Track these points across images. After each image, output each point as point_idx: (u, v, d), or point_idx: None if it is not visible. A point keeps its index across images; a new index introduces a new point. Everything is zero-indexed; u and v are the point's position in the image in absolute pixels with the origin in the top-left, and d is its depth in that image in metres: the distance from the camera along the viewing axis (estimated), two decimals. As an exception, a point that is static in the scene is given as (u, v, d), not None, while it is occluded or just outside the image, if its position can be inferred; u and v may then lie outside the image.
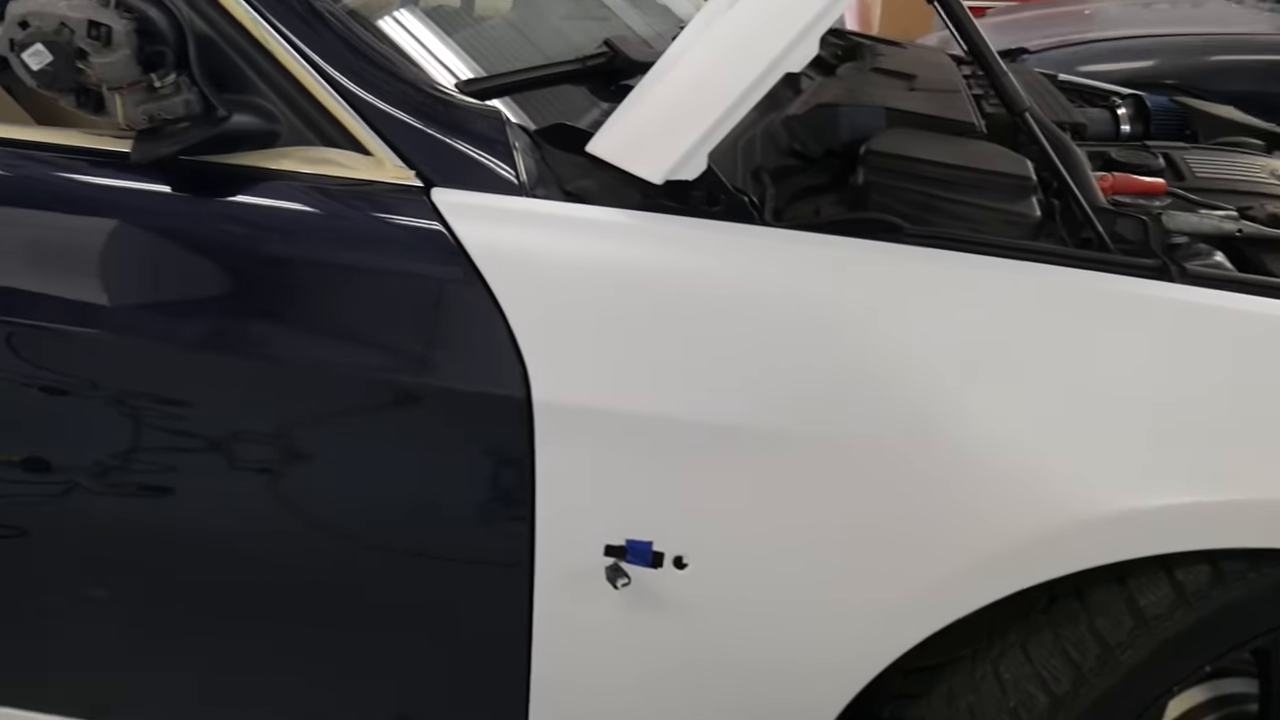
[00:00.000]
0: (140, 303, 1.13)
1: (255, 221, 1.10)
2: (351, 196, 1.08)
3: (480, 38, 1.57)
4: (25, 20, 1.00)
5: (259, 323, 1.11)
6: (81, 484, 1.18)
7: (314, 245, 1.09)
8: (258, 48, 1.09)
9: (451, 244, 1.05)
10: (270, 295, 1.10)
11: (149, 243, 1.13)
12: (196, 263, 1.11)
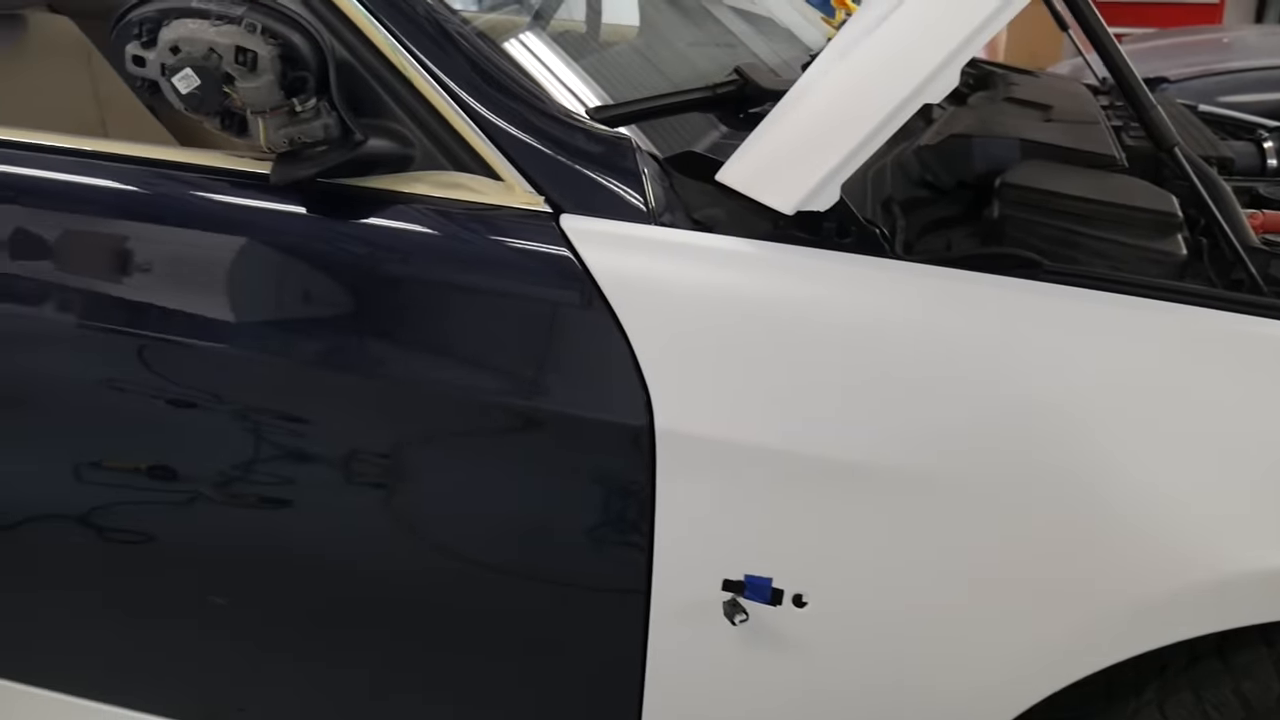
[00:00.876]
0: (270, 320, 1.16)
1: (386, 244, 1.11)
2: (481, 221, 1.09)
3: (607, 63, 1.58)
4: (176, 46, 1.03)
5: (383, 343, 1.12)
6: (204, 494, 1.21)
7: (442, 268, 1.10)
8: (395, 73, 1.10)
9: (579, 270, 1.05)
10: (397, 317, 1.11)
11: (282, 262, 1.15)
12: (328, 283, 1.14)
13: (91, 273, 1.20)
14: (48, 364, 1.25)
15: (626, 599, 1.09)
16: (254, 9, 1.03)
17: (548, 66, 1.34)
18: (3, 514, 1.32)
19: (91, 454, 1.25)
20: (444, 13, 1.16)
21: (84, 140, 1.23)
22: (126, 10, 1.06)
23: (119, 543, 1.28)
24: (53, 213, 1.23)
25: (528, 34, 1.58)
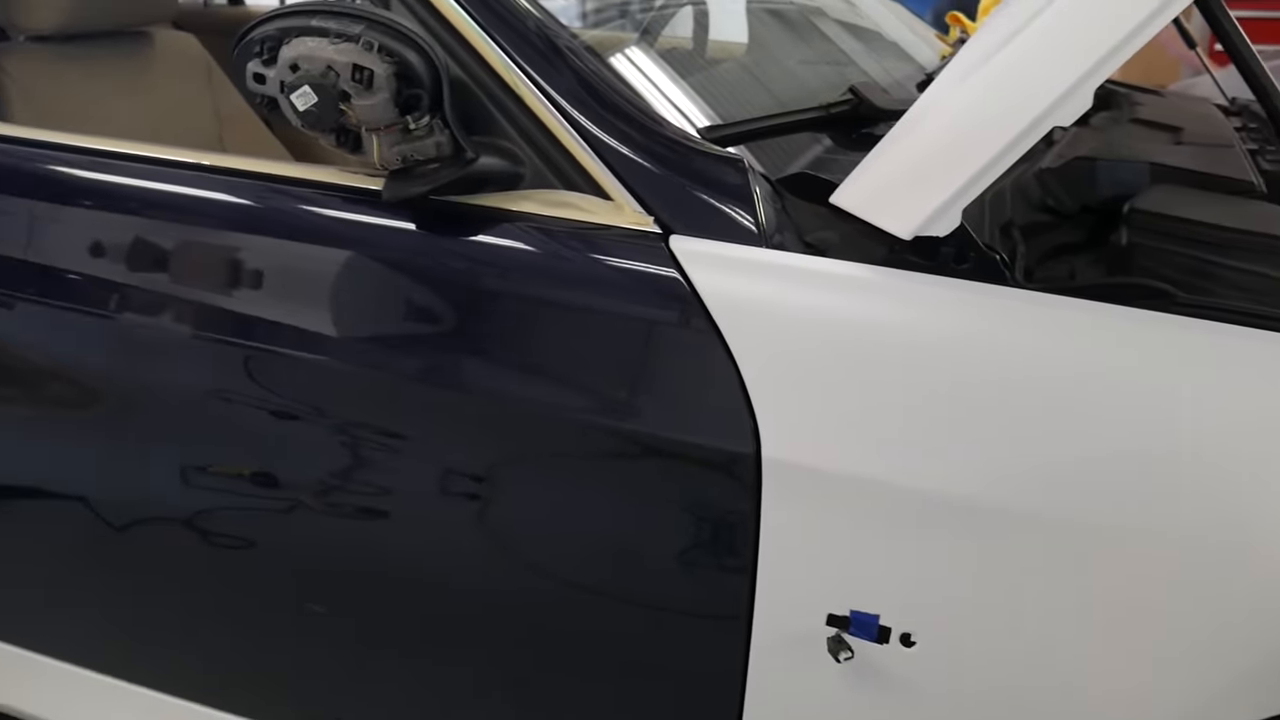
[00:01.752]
0: (376, 335, 1.17)
1: (495, 262, 1.11)
2: (589, 241, 1.08)
3: (715, 81, 1.56)
4: (296, 64, 1.04)
5: (487, 361, 1.12)
6: (305, 502, 1.22)
7: (549, 287, 1.09)
8: (507, 91, 1.10)
9: (687, 292, 1.03)
10: (503, 335, 1.11)
11: (390, 278, 1.16)
12: (436, 300, 1.14)
13: (204, 284, 1.22)
14: (160, 371, 1.28)
15: (726, 627, 1.07)
16: (371, 27, 1.04)
17: (656, 84, 1.33)
18: (114, 516, 1.36)
19: (198, 460, 1.28)
20: (557, 30, 1.16)
21: (202, 154, 1.25)
22: (249, 28, 1.08)
23: (222, 547, 1.30)
24: (170, 225, 1.25)
25: (635, 51, 1.57)
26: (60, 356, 1.33)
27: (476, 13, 1.12)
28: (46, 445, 1.38)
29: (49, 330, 1.32)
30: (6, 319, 1.32)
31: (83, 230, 1.28)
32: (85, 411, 1.36)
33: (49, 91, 1.69)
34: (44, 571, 1.47)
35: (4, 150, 1.35)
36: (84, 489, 1.37)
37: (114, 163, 1.29)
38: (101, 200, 1.29)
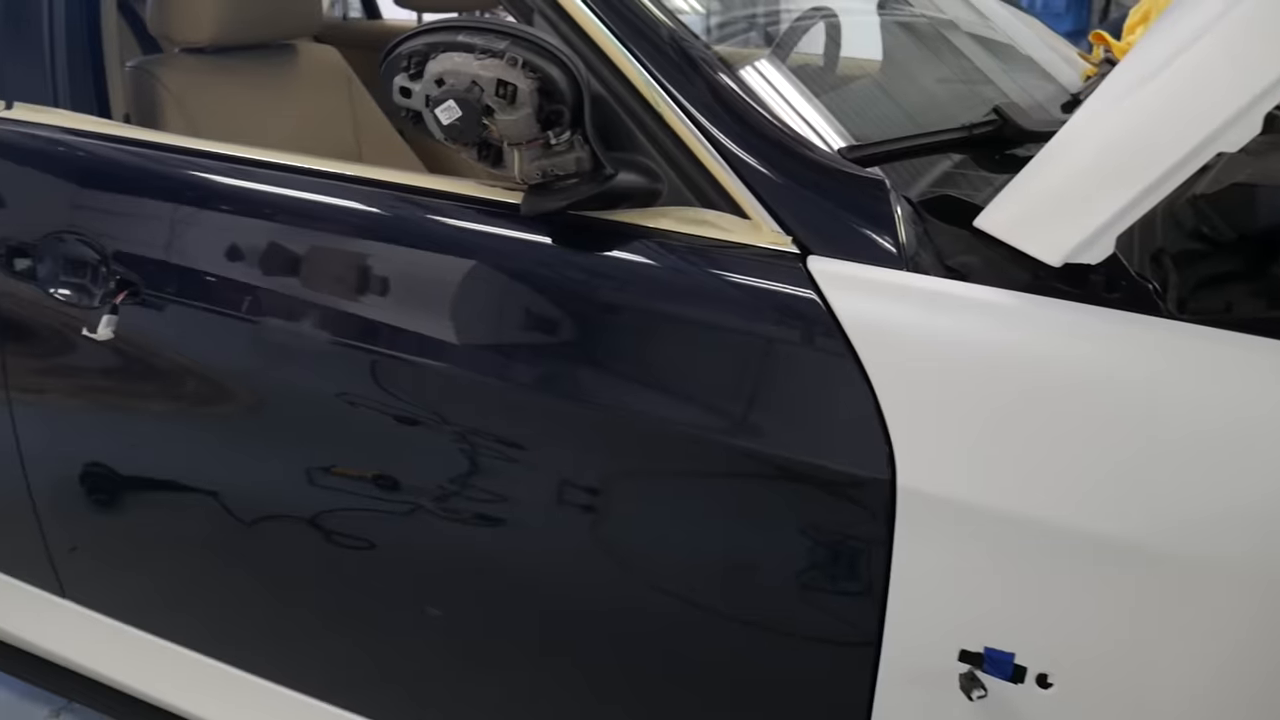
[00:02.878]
0: (508, 346, 1.17)
1: (630, 277, 1.11)
2: (726, 259, 1.07)
3: (851, 99, 1.54)
4: (441, 78, 1.06)
5: (615, 377, 1.12)
6: (424, 506, 1.24)
7: (683, 305, 1.08)
8: (646, 108, 1.10)
9: (824, 314, 1.01)
10: (636, 351, 1.11)
11: (524, 290, 1.17)
12: (568, 313, 1.14)
13: (341, 291, 1.25)
14: (289, 372, 1.32)
15: (852, 658, 1.05)
16: (516, 44, 1.05)
17: (791, 102, 1.32)
18: (243, 512, 1.40)
19: (323, 461, 1.31)
20: (697, 48, 1.16)
21: (345, 165, 1.29)
22: (397, 43, 1.10)
23: (344, 547, 1.33)
24: (311, 232, 1.29)
25: (769, 67, 1.55)
26: (199, 355, 1.38)
27: (618, 29, 1.13)
28: (182, 440, 1.44)
29: (194, 331, 1.37)
30: (153, 319, 1.37)
31: (227, 235, 1.32)
32: (217, 408, 1.40)
33: (200, 100, 1.75)
34: (178, 563, 1.53)
35: (157, 157, 1.40)
36: (216, 484, 1.42)
37: (261, 171, 1.33)
38: (247, 207, 1.33)
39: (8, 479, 1.58)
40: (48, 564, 1.63)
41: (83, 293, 1.40)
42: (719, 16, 1.99)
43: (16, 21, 1.50)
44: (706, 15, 1.94)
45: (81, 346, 1.41)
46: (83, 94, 1.49)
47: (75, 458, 1.52)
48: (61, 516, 1.58)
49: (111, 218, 1.40)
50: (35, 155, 1.47)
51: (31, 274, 1.44)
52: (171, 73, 1.75)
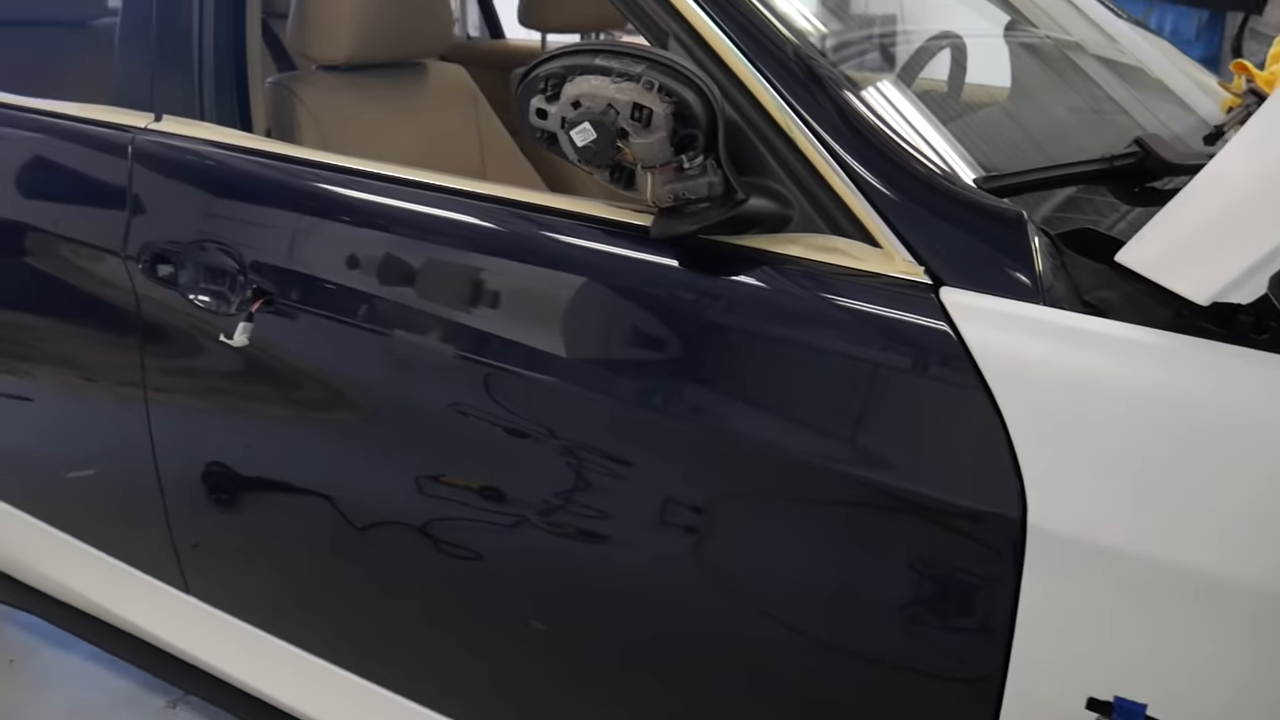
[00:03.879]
0: (629, 365, 1.18)
1: (757, 302, 1.11)
2: (856, 287, 1.06)
3: (981, 126, 1.52)
4: (577, 101, 1.07)
5: (735, 401, 1.11)
6: (530, 519, 1.25)
7: (811, 331, 1.08)
8: (779, 134, 1.10)
9: (956, 346, 0.99)
10: (758, 376, 1.10)
11: (650, 312, 1.17)
12: (692, 335, 1.14)
13: (460, 304, 1.28)
14: (406, 382, 1.35)
15: (972, 700, 1.02)
16: (652, 68, 1.05)
17: (922, 129, 1.30)
18: (356, 517, 1.43)
19: (433, 469, 1.34)
20: (831, 74, 1.15)
21: (472, 182, 1.31)
22: (534, 66, 1.12)
23: (452, 557, 1.35)
24: (440, 248, 1.32)
25: (897, 93, 1.54)
26: (323, 362, 1.42)
27: (751, 53, 1.13)
28: (302, 445, 1.48)
29: (320, 339, 1.41)
30: (285, 327, 1.41)
31: (355, 247, 1.36)
32: (336, 414, 1.44)
33: (334, 116, 1.81)
34: (293, 565, 1.57)
35: (294, 170, 1.45)
36: (332, 489, 1.45)
37: (391, 186, 1.37)
38: (376, 220, 1.37)
39: (141, 474, 1.64)
40: (173, 559, 1.69)
41: (221, 300, 1.45)
42: (835, 39, 1.99)
43: (169, 40, 1.57)
44: (823, 37, 1.94)
45: (216, 351, 1.47)
46: (227, 108, 1.55)
47: (202, 457, 1.58)
48: (188, 513, 1.63)
49: (250, 228, 1.45)
50: (181, 166, 1.53)
51: (173, 280, 1.50)
52: (308, 89, 1.81)
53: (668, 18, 1.17)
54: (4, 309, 1.85)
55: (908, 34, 1.88)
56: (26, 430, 1.90)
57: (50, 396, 1.81)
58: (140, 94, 1.60)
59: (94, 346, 1.69)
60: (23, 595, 2.06)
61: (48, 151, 1.71)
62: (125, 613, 1.83)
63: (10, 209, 1.76)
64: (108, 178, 1.60)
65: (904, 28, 1.95)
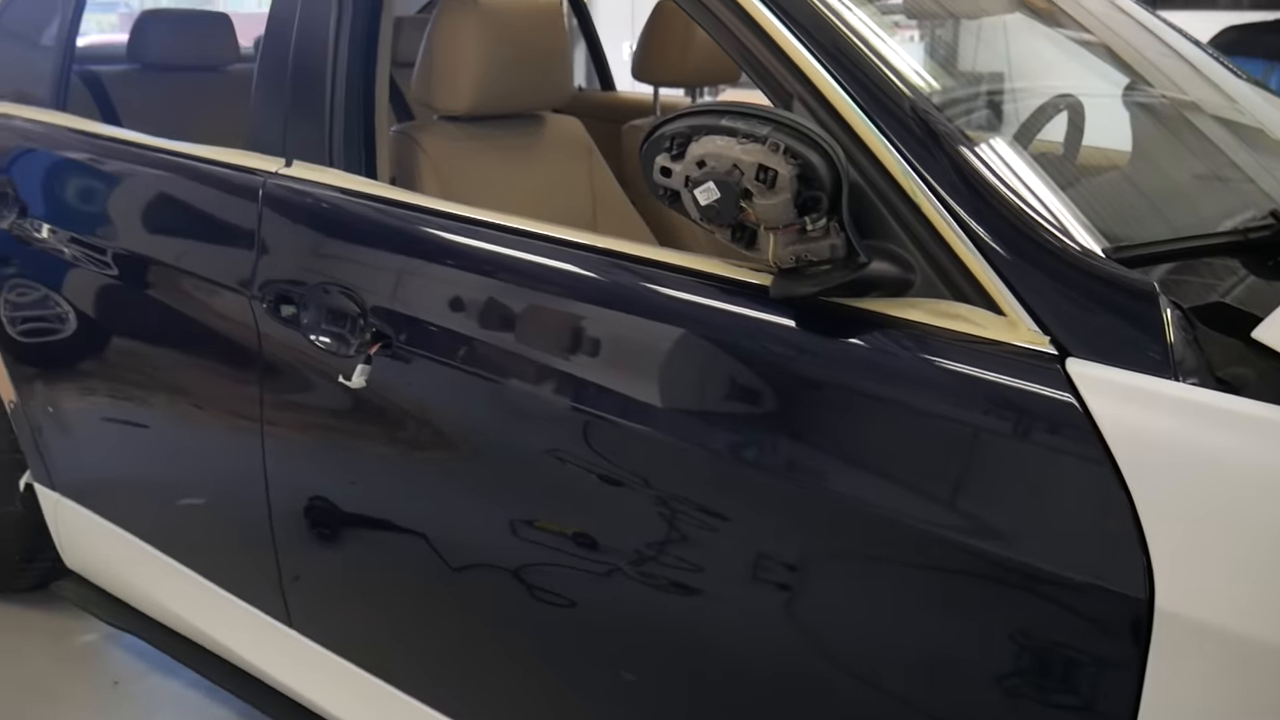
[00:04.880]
0: (735, 421, 1.18)
1: (875, 366, 1.10)
2: (978, 355, 1.04)
3: (1103, 192, 1.49)
4: (703, 160, 1.08)
5: (846, 463, 1.10)
6: (622, 568, 1.26)
7: (931, 397, 1.06)
8: (903, 197, 1.10)
9: (1082, 419, 0.97)
10: (870, 438, 1.09)
11: (762, 370, 1.17)
12: (805, 395, 1.14)
13: (568, 354, 1.30)
14: (498, 423, 1.37)
15: None
16: (778, 129, 1.06)
17: (1046, 195, 1.28)
18: (452, 557, 1.45)
19: (528, 513, 1.35)
20: (955, 138, 1.15)
21: (592, 237, 1.34)
22: (661, 124, 1.13)
23: (543, 602, 1.36)
24: (548, 296, 1.34)
25: (1016, 157, 1.52)
26: (432, 405, 1.45)
27: (876, 116, 1.13)
28: (405, 484, 1.50)
29: (431, 382, 1.43)
30: (400, 370, 1.44)
31: (470, 295, 1.39)
32: (439, 455, 1.47)
33: (454, 165, 1.86)
34: (391, 603, 1.59)
35: (415, 218, 1.49)
36: (431, 529, 1.47)
37: (508, 236, 1.39)
38: (492, 269, 1.40)
39: (253, 505, 1.68)
40: (278, 591, 1.73)
41: (341, 342, 1.49)
42: (944, 96, 1.97)
43: (302, 89, 1.63)
44: (939, 97, 1.93)
45: (333, 390, 1.50)
46: (354, 156, 1.60)
47: (314, 492, 1.61)
48: (296, 547, 1.67)
49: (372, 273, 1.49)
50: (309, 211, 1.59)
51: (295, 320, 1.55)
52: (430, 138, 1.86)
53: (792, 79, 1.19)
54: (128, 338, 1.93)
55: (1018, 91, 1.86)
56: (142, 456, 1.96)
57: (167, 424, 1.88)
58: (273, 140, 1.66)
59: (214, 379, 1.75)
60: (130, 619, 2.12)
61: (181, 191, 1.78)
62: (228, 641, 1.87)
63: (141, 244, 1.84)
64: (238, 219, 1.66)
65: (1015, 85, 1.93)
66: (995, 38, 1.91)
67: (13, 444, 2.24)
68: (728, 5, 1.24)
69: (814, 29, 1.20)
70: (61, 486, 2.16)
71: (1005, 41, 1.89)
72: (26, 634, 2.37)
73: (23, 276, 2.09)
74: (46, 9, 2.24)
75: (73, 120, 2.09)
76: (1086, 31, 1.88)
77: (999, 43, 1.91)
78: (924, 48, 1.80)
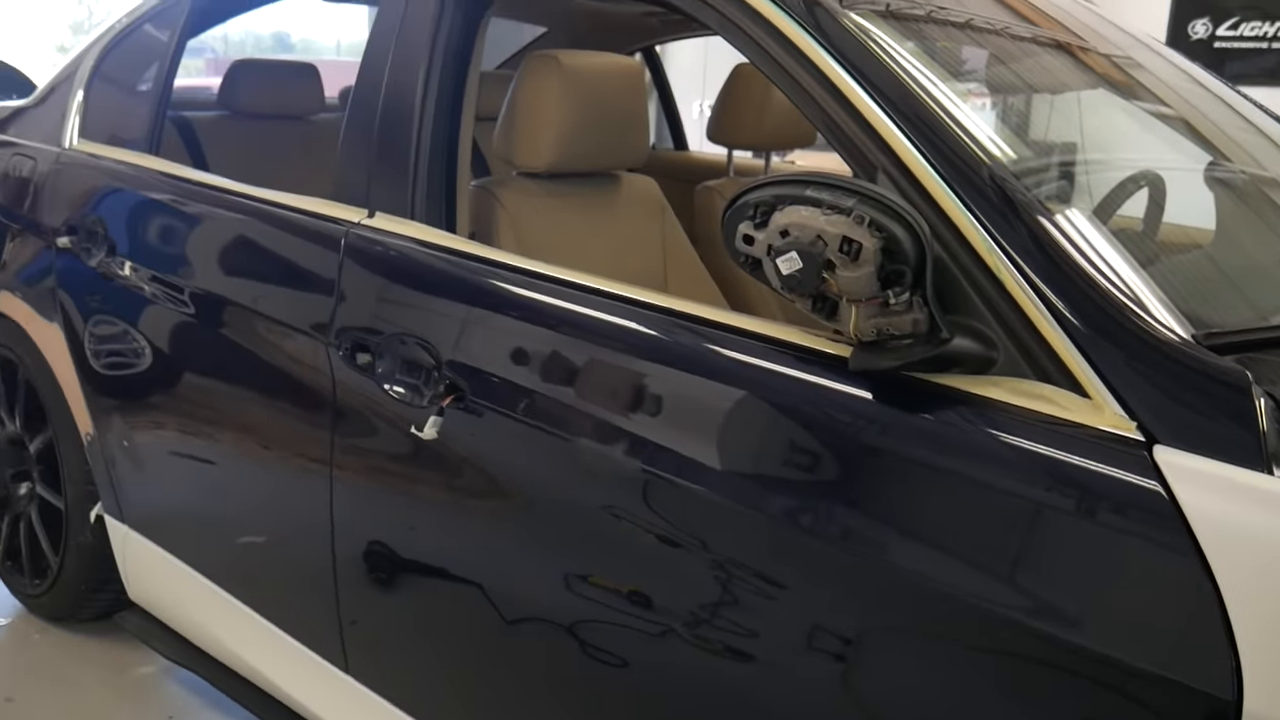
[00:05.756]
0: (800, 489, 1.17)
1: (952, 442, 1.08)
2: (1061, 437, 1.03)
3: (1186, 272, 1.47)
4: (786, 230, 1.09)
5: (914, 540, 1.09)
6: (674, 629, 1.24)
7: (1010, 477, 1.04)
8: (988, 274, 1.09)
9: (1169, 509, 0.95)
10: (945, 516, 1.08)
11: (835, 440, 1.16)
12: (879, 469, 1.12)
13: (634, 413, 1.30)
14: (564, 479, 1.37)
15: None
16: (864, 202, 1.06)
17: (1133, 275, 1.26)
18: (507, 609, 1.45)
19: (583, 568, 1.35)
20: (1043, 215, 1.14)
21: (671, 300, 1.34)
22: (745, 192, 1.14)
23: (597, 660, 1.35)
24: (622, 355, 1.34)
25: (1097, 234, 1.50)
26: (498, 458, 1.45)
27: (961, 191, 1.13)
28: (470, 536, 1.50)
29: (498, 436, 1.44)
30: (471, 423, 1.45)
31: (543, 351, 1.40)
32: (504, 508, 1.47)
33: (531, 220, 1.88)
34: (445, 652, 1.59)
35: (492, 273, 1.50)
36: (494, 584, 1.47)
37: (585, 295, 1.40)
38: (565, 327, 1.41)
39: (317, 549, 1.70)
40: (338, 636, 1.73)
41: (415, 392, 1.50)
42: (1021, 168, 1.96)
43: (388, 143, 1.67)
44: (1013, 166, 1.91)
45: (404, 439, 1.52)
46: (436, 210, 1.63)
47: (379, 539, 1.62)
48: (357, 592, 1.68)
49: (448, 326, 1.51)
50: (389, 262, 1.61)
51: (370, 368, 1.57)
52: (509, 194, 1.89)
53: (876, 150, 1.19)
54: (203, 377, 1.96)
55: (1097, 165, 1.85)
56: (211, 493, 1.99)
57: (237, 463, 1.90)
58: (357, 191, 1.69)
59: (286, 421, 1.78)
60: (188, 654, 2.14)
61: (266, 237, 1.82)
62: (284, 683, 1.88)
63: (222, 286, 1.88)
64: (319, 266, 1.69)
65: (1095, 158, 1.91)
66: (1073, 110, 1.90)
67: (87, 475, 2.29)
68: (812, 74, 1.25)
69: (899, 100, 1.20)
70: (131, 519, 2.19)
71: (1085, 114, 1.88)
72: (86, 664, 2.40)
73: (108, 313, 2.15)
74: (145, 58, 2.32)
75: (164, 164, 2.15)
76: (1165, 105, 1.87)
77: (1078, 115, 1.90)
78: (999, 117, 1.80)
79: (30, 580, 2.52)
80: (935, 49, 1.49)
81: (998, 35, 1.70)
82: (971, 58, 1.64)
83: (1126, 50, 1.83)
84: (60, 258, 2.26)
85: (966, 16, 1.66)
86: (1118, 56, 1.82)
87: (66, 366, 2.26)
